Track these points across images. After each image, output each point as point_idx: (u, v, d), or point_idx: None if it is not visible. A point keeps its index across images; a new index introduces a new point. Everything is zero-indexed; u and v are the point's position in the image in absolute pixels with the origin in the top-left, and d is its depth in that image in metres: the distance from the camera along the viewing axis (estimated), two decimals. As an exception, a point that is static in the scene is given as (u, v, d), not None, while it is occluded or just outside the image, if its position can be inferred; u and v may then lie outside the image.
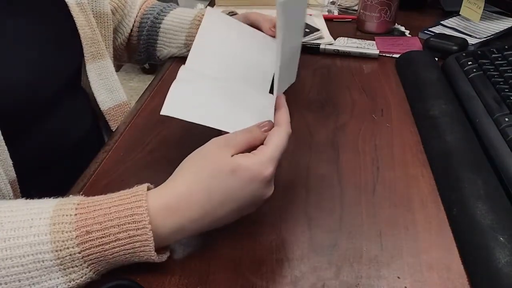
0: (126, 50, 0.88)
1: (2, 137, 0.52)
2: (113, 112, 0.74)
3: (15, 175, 0.55)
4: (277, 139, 0.44)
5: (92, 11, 0.70)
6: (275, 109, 0.48)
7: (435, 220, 0.49)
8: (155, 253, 0.40)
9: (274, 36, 0.69)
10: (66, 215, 0.38)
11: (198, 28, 0.78)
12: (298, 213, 0.50)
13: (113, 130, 0.72)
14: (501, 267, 0.40)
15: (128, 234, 0.39)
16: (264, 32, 0.70)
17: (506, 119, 0.57)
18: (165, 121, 0.66)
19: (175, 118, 0.49)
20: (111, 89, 0.73)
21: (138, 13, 0.84)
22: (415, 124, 0.64)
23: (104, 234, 0.38)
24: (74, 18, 0.66)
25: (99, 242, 0.38)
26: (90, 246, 0.38)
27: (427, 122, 0.62)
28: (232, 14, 0.79)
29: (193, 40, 0.79)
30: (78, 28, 0.66)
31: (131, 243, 0.39)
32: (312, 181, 0.55)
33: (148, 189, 0.42)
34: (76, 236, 0.38)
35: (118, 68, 0.83)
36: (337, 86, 0.75)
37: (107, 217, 0.39)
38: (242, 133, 0.45)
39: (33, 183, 0.57)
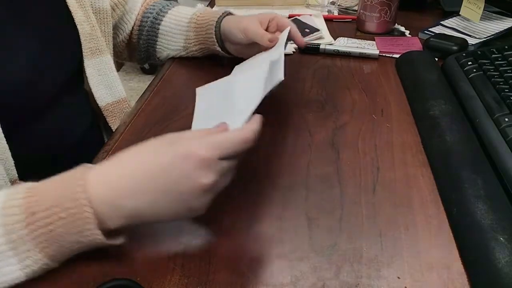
0: (127, 48, 0.88)
1: (3, 135, 0.53)
2: (111, 108, 0.73)
3: (16, 175, 0.55)
4: (232, 134, 0.43)
5: (92, 7, 0.70)
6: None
7: (435, 220, 0.49)
8: (100, 231, 0.40)
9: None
10: (16, 199, 0.39)
11: (195, 31, 0.77)
12: (298, 213, 0.50)
13: (113, 129, 0.72)
14: (501, 267, 0.40)
15: (69, 213, 0.39)
16: (264, 46, 0.69)
17: (506, 119, 0.57)
18: (165, 121, 0.66)
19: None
20: (109, 85, 0.73)
21: (139, 11, 0.84)
22: (415, 124, 0.64)
23: (48, 214, 0.39)
24: (72, 14, 0.65)
25: (44, 223, 0.39)
26: (37, 227, 0.38)
27: (427, 122, 0.62)
28: (227, 14, 0.78)
29: (191, 43, 0.80)
30: (76, 24, 0.66)
31: (73, 221, 0.39)
32: (312, 181, 0.55)
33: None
34: (25, 218, 0.38)
35: (118, 67, 0.83)
36: (337, 86, 0.75)
37: (50, 198, 0.39)
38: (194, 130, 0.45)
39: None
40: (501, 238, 0.42)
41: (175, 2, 0.89)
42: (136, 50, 0.87)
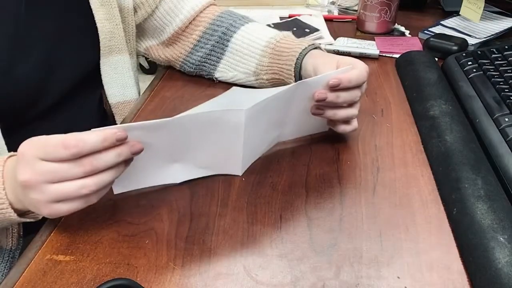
0: (165, 52, 0.78)
1: (1, 135, 0.53)
2: (121, 106, 0.72)
3: None
4: (57, 136, 0.42)
5: (117, 4, 0.68)
6: None
7: (435, 220, 0.49)
8: (13, 210, 0.45)
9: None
10: None
11: (271, 57, 0.68)
12: (298, 213, 0.50)
13: None
14: (501, 267, 0.40)
15: None
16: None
17: (506, 119, 0.57)
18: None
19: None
20: (123, 84, 0.72)
21: (191, 19, 0.74)
22: (415, 124, 0.64)
23: None
24: (93, 11, 0.65)
25: None
26: None
27: (427, 122, 0.62)
28: (315, 47, 0.64)
29: (263, 71, 0.69)
30: (96, 21, 0.65)
31: None
32: (312, 181, 0.55)
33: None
34: None
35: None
36: (337, 86, 0.75)
37: None
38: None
39: None
40: (501, 238, 0.42)
41: (246, 16, 0.75)
42: (177, 59, 0.77)
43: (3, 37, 0.56)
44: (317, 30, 0.94)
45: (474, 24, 0.92)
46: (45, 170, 0.41)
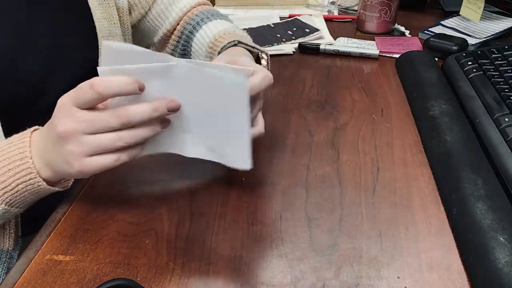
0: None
1: (2, 134, 0.53)
2: None
3: None
4: (88, 81, 0.42)
5: (114, 3, 0.68)
6: None
7: (435, 220, 0.49)
8: (41, 178, 0.46)
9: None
10: None
11: (210, 56, 0.66)
12: (298, 213, 0.50)
13: None
14: (501, 267, 0.40)
15: (15, 165, 0.45)
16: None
17: (506, 119, 0.57)
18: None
19: None
20: None
21: (180, 19, 0.75)
22: (415, 124, 0.64)
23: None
24: (91, 10, 0.65)
25: None
26: None
27: (427, 122, 0.62)
28: (236, 43, 0.63)
29: None
30: (94, 20, 0.65)
31: (18, 172, 0.45)
32: (312, 181, 0.55)
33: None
34: None
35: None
36: (337, 86, 0.75)
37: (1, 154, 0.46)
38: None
39: None
40: (501, 238, 0.42)
41: (219, 14, 0.75)
42: None
43: (5, 37, 0.56)
44: (317, 30, 0.94)
45: (474, 24, 0.92)
46: (83, 119, 0.42)
